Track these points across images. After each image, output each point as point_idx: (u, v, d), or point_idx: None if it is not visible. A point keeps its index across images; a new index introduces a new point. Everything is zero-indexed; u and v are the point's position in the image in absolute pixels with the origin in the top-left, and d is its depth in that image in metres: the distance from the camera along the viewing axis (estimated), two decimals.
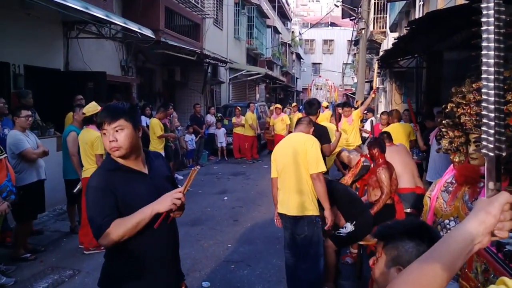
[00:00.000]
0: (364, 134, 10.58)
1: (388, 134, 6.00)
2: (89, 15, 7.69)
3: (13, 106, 6.41)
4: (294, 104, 18.56)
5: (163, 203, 2.11)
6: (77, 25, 9.06)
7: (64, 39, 8.94)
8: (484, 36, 1.12)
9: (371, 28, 17.43)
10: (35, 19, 7.82)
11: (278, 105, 15.21)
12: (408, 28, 6.26)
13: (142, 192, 2.19)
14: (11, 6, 7.21)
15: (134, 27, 9.33)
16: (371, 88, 24.68)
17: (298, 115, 14.76)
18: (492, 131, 1.11)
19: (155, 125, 8.70)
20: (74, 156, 5.89)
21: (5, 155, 4.67)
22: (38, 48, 8.18)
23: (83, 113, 5.71)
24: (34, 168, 5.44)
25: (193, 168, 2.26)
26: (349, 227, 4.30)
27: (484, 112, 1.13)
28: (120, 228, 2.08)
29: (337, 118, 6.62)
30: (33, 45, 7.99)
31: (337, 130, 5.77)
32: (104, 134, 2.16)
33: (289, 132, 11.24)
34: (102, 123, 2.16)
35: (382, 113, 9.64)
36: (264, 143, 16.17)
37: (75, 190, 5.91)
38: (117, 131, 2.14)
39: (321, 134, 5.02)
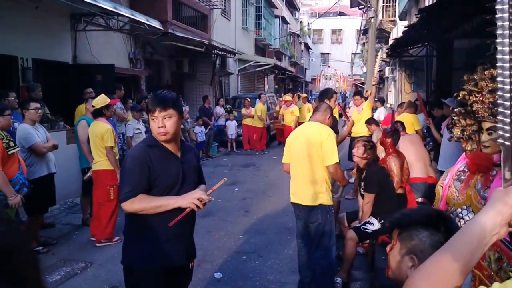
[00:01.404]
0: None
1: (401, 124, 6.03)
2: (97, 7, 7.69)
3: (23, 99, 6.44)
4: (304, 95, 18.42)
5: (185, 200, 2.43)
6: (85, 18, 9.06)
7: (72, 31, 8.95)
8: (499, 23, 1.10)
9: (380, 17, 17.25)
10: (43, 12, 7.84)
11: (288, 97, 15.06)
12: (419, 15, 6.20)
13: (171, 170, 2.53)
14: None
15: (142, 18, 9.32)
16: (380, 77, 24.53)
17: (308, 106, 14.73)
18: (508, 120, 1.09)
19: None
20: (84, 144, 5.92)
21: (18, 148, 4.71)
22: (46, 41, 8.20)
23: (92, 106, 5.73)
24: (44, 161, 5.45)
25: (224, 178, 2.66)
26: (376, 225, 4.35)
27: (499, 101, 1.10)
28: (143, 203, 2.42)
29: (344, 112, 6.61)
30: (41, 38, 8.01)
31: (348, 119, 5.75)
32: (153, 119, 2.46)
33: (299, 123, 11.19)
34: (153, 110, 2.44)
35: (400, 105, 9.62)
36: (273, 135, 16.15)
37: (85, 177, 5.97)
38: (165, 118, 2.44)
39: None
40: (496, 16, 1.10)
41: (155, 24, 9.99)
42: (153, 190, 2.49)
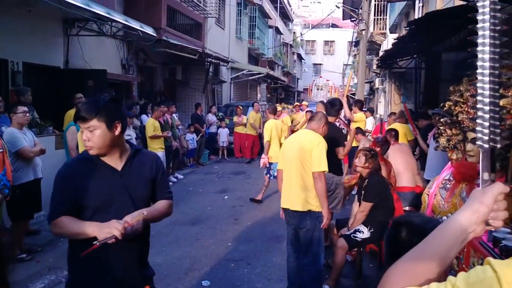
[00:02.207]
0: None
1: (396, 132, 6.07)
2: (91, 12, 7.67)
3: (11, 103, 6.36)
4: (296, 103, 18.65)
5: (101, 232, 2.05)
6: (78, 23, 9.04)
7: (64, 36, 8.93)
8: (480, 32, 1.15)
9: (371, 29, 17.47)
10: (35, 15, 7.81)
11: (278, 108, 15.09)
12: (408, 28, 6.29)
13: (103, 188, 2.18)
14: (11, 3, 7.19)
15: (135, 25, 9.33)
16: (371, 89, 24.72)
17: (300, 114, 14.80)
18: (487, 124, 1.14)
19: (147, 125, 8.90)
20: (73, 150, 5.84)
21: (1, 150, 4.61)
22: (38, 45, 8.16)
23: None
24: (30, 166, 5.35)
25: (142, 213, 2.16)
26: (366, 233, 4.37)
27: (479, 106, 1.16)
28: (62, 229, 2.14)
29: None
30: (33, 42, 7.97)
31: (350, 129, 5.83)
32: (81, 131, 2.17)
33: (292, 131, 11.26)
34: (78, 120, 2.14)
35: (390, 115, 9.74)
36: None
37: None
38: (90, 131, 2.12)
39: (334, 136, 5.02)
40: (477, 26, 1.15)
41: (149, 30, 10.01)
42: (84, 211, 2.17)
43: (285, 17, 36.16)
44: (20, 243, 5.37)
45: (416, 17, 12.30)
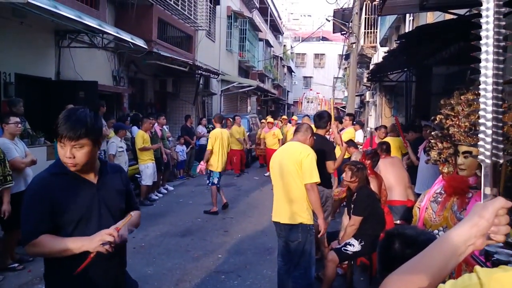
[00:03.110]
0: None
1: (387, 146, 6.07)
2: (82, 24, 7.71)
3: (3, 114, 6.36)
4: (283, 116, 18.74)
5: (92, 243, 2.00)
6: (70, 34, 9.06)
7: (56, 48, 8.94)
8: (484, 48, 1.17)
9: (361, 42, 17.61)
10: (27, 27, 7.81)
11: (270, 119, 15.13)
12: (398, 41, 6.37)
13: (82, 201, 2.12)
14: (3, 14, 7.19)
15: (126, 37, 9.36)
16: (361, 102, 24.89)
17: (290, 128, 14.83)
18: (489, 139, 1.15)
19: (137, 137, 8.93)
20: None
21: None
22: (30, 56, 8.16)
23: None
24: (22, 177, 5.35)
25: (129, 214, 2.21)
26: (356, 246, 4.37)
27: (481, 120, 1.17)
28: (46, 248, 2.03)
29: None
30: (25, 53, 7.97)
31: (342, 145, 5.87)
32: (61, 146, 2.04)
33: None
34: (61, 136, 2.00)
35: (379, 127, 9.78)
36: (255, 155, 16.16)
37: None
38: (75, 147, 2.03)
39: (325, 149, 5.04)
40: (481, 42, 1.17)
41: (140, 42, 10.04)
42: (64, 227, 2.08)
43: (276, 30, 36.45)
44: (11, 252, 5.39)
45: (406, 30, 12.47)
